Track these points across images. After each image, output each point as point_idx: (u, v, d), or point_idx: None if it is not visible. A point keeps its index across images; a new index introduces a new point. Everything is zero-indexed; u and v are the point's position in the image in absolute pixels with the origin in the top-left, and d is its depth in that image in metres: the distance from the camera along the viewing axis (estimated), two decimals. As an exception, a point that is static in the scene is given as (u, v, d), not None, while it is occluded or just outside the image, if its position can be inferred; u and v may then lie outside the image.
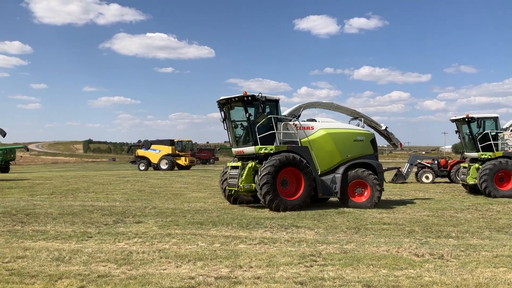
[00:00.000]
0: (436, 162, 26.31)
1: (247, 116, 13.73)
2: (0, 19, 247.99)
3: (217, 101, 14.39)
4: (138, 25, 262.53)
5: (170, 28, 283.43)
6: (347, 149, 14.54)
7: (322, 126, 14.52)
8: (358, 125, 15.87)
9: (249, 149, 13.92)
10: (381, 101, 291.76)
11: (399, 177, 25.44)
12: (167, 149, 44.20)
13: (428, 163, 26.36)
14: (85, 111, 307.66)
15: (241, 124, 14.68)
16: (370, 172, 14.12)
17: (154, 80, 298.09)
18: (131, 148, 54.45)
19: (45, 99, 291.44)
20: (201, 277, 6.11)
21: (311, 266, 6.62)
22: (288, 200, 13.11)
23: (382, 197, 16.57)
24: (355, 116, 16.78)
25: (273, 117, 13.86)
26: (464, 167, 19.15)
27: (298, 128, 14.17)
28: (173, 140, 45.67)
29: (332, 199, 14.70)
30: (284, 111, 15.02)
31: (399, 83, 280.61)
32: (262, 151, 13.53)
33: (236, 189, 13.85)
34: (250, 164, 13.65)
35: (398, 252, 7.61)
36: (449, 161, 26.69)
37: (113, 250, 7.72)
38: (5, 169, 44.16)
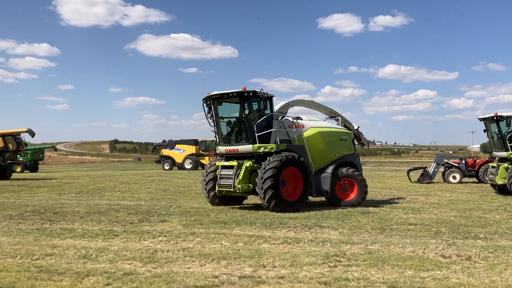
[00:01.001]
0: (463, 161, 25.78)
1: (246, 113, 13.18)
2: (29, 22, 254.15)
3: (208, 96, 13.72)
4: (163, 26, 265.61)
5: (194, 28, 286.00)
6: (335, 148, 14.63)
7: (311, 125, 14.41)
8: (339, 124, 16.02)
9: (245, 148, 13.36)
10: (406, 100, 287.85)
11: (426, 177, 25.03)
12: (191, 149, 44.56)
13: (455, 162, 25.85)
14: (111, 112, 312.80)
15: (230, 120, 14.23)
16: (356, 170, 14.42)
17: (178, 80, 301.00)
18: (156, 148, 55.11)
19: (72, 100, 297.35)
20: (224, 276, 6.13)
21: (335, 267, 6.57)
22: (288, 200, 12.79)
23: (409, 197, 16.38)
24: (332, 115, 16.61)
25: (274, 114, 13.74)
26: (493, 167, 18.70)
27: (290, 126, 13.94)
28: (197, 140, 46.00)
29: (312, 199, 14.23)
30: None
31: (426, 81, 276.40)
32: (261, 150, 13.06)
33: (231, 190, 13.11)
34: (248, 163, 13.09)
35: (424, 253, 7.49)
36: (477, 161, 26.12)
37: (139, 249, 7.82)
38: (34, 169, 45.27)
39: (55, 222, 10.86)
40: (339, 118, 16.48)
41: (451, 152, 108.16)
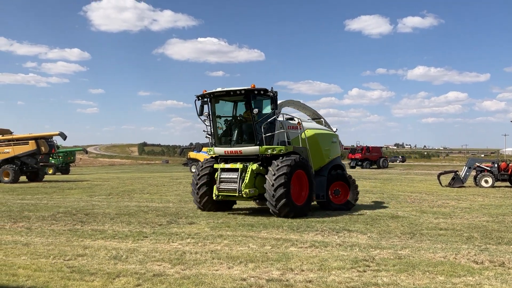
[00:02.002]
0: (496, 165, 25.09)
1: (256, 112, 12.42)
2: (61, 27, 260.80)
3: (208, 93, 12.78)
4: (190, 30, 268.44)
5: (221, 32, 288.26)
6: (328, 151, 14.49)
7: (307, 126, 14.05)
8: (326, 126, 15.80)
9: (251, 149, 12.52)
10: (436, 102, 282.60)
11: (457, 181, 24.47)
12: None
13: (487, 166, 25.19)
14: (140, 115, 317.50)
15: (226, 120, 13.52)
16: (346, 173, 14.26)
17: (205, 84, 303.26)
18: (183, 150, 55.64)
19: (102, 104, 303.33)
20: (252, 279, 6.14)
21: (364, 271, 6.50)
22: (297, 205, 12.14)
23: (439, 201, 16.06)
24: (316, 117, 16.20)
25: (283, 114, 13.42)
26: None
27: (289, 127, 13.43)
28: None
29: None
30: None
31: (456, 83, 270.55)
32: (269, 152, 12.38)
33: (235, 194, 12.23)
34: (254, 166, 12.29)
35: (456, 258, 7.33)
36: (510, 164, 25.37)
37: (167, 250, 7.92)
38: (66, 171, 46.33)
39: (87, 223, 11.09)
40: (322, 120, 16.17)
41: (483, 155, 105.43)
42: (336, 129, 16.38)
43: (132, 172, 52.39)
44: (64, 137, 30.00)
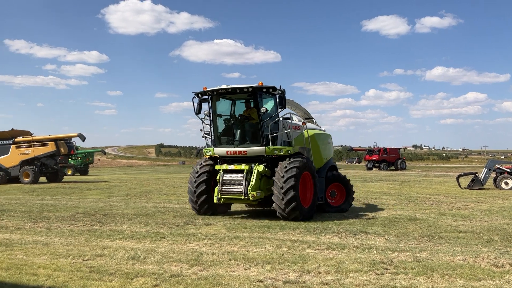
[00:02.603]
0: (516, 167, 24.66)
1: (263, 111, 11.89)
2: (80, 30, 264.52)
3: (209, 90, 12.31)
4: (207, 32, 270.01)
5: (237, 34, 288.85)
6: (326, 151, 14.32)
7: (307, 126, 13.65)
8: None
9: (256, 150, 12.00)
10: (455, 103, 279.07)
11: (476, 183, 24.11)
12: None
13: (507, 168, 24.76)
14: (157, 116, 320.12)
15: (227, 119, 12.94)
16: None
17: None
18: (199, 152, 55.81)
19: (120, 105, 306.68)
20: (269, 280, 6.14)
21: (382, 274, 6.44)
22: (305, 208, 11.79)
23: (458, 203, 15.84)
24: (307, 117, 15.72)
25: (291, 113, 13.12)
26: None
27: (289, 127, 12.82)
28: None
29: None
30: None
31: (475, 83, 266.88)
32: (276, 153, 11.95)
33: (241, 197, 11.72)
34: (260, 168, 11.81)
35: (475, 261, 7.22)
36: (531, 166, 24.92)
37: (185, 251, 7.96)
38: (85, 172, 46.99)
39: (105, 224, 11.22)
40: (313, 120, 15.86)
41: (503, 157, 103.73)
42: (324, 130, 16.11)
43: (150, 173, 52.82)
44: (83, 138, 30.42)
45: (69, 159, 41.34)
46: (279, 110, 12.15)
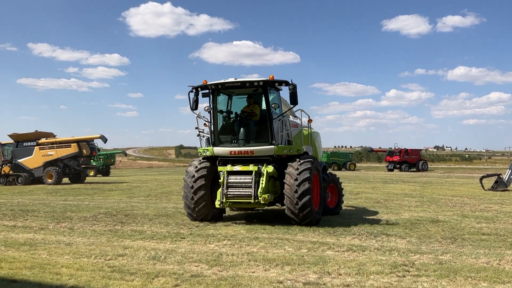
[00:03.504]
0: (542, 168, 24.08)
1: (275, 107, 11.27)
2: (101, 33, 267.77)
3: (213, 84, 11.46)
4: (226, 34, 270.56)
5: (256, 35, 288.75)
6: (320, 150, 13.89)
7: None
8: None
9: (265, 150, 11.20)
10: (478, 103, 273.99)
11: (500, 185, 23.63)
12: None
13: (533, 169, 24.21)
14: (177, 118, 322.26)
15: (227, 115, 12.21)
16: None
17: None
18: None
19: (141, 107, 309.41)
20: (289, 281, 6.13)
21: (404, 276, 6.36)
22: (316, 211, 11.15)
23: (481, 205, 15.55)
24: (294, 115, 15.10)
25: (301, 110, 12.22)
26: None
27: (292, 125, 12.21)
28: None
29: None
30: None
31: (499, 83, 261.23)
32: (285, 153, 11.28)
33: (250, 200, 10.80)
34: (270, 169, 11.03)
35: (499, 264, 7.08)
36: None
37: (204, 251, 8.00)
38: (106, 173, 47.61)
39: (126, 224, 11.35)
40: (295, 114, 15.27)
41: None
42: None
43: (170, 174, 53.22)
44: (104, 140, 30.89)
45: (91, 160, 41.92)
46: (291, 106, 11.39)
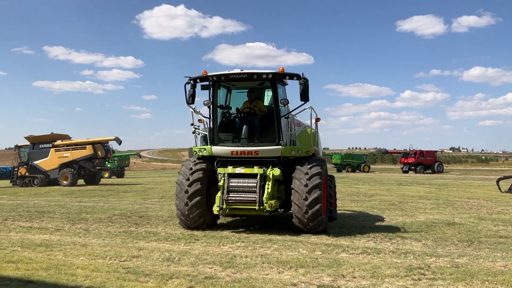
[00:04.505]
0: (561, 170, 23.67)
1: (283, 103, 10.43)
2: (116, 36, 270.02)
3: (217, 75, 10.49)
4: (239, 35, 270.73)
5: (269, 37, 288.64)
6: (320, 152, 12.90)
7: (304, 123, 11.99)
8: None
9: (271, 150, 10.28)
10: (494, 104, 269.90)
11: (517, 187, 23.27)
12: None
13: (551, 171, 23.81)
14: (190, 120, 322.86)
15: (228, 111, 11.31)
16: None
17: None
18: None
19: (155, 109, 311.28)
20: (303, 284, 6.09)
21: (419, 280, 6.29)
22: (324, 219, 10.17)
23: (498, 208, 15.33)
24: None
25: (311, 107, 11.04)
26: None
27: (297, 124, 11.36)
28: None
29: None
30: None
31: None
32: (293, 154, 10.38)
33: (255, 207, 9.74)
34: (276, 171, 10.03)
35: (518, 268, 6.96)
36: None
37: (218, 253, 8.00)
38: (121, 174, 47.98)
39: (141, 226, 11.41)
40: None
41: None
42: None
43: (183, 176, 53.44)
44: (119, 142, 31.13)
45: (106, 162, 42.29)
46: (302, 103, 10.32)
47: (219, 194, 10.08)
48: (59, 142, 31.33)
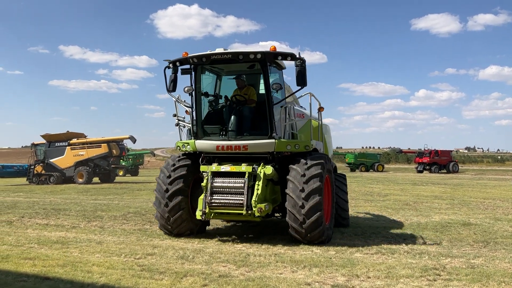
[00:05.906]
0: None
1: (276, 88, 8.70)
2: (130, 35, 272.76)
3: (197, 56, 9.02)
4: (252, 34, 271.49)
5: (283, 36, 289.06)
6: (330, 147, 11.68)
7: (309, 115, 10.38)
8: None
9: (263, 144, 8.81)
10: (511, 103, 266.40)
11: (534, 187, 22.95)
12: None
13: None
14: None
15: (214, 100, 9.87)
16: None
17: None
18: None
19: (168, 108, 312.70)
20: (317, 283, 6.09)
21: (435, 280, 6.24)
22: (326, 226, 8.70)
23: (514, 209, 15.12)
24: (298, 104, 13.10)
25: (310, 94, 9.48)
26: None
27: (299, 115, 9.93)
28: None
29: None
30: None
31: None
32: (289, 149, 8.89)
33: (242, 211, 8.43)
34: (268, 170, 8.60)
35: (535, 270, 6.86)
36: None
37: (232, 252, 8.03)
38: (135, 172, 48.34)
39: (155, 223, 11.47)
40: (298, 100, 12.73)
41: None
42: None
43: (197, 174, 53.67)
44: (133, 140, 31.44)
45: (121, 160, 42.65)
46: (299, 88, 8.66)
47: (202, 196, 8.83)
48: (74, 140, 31.71)
